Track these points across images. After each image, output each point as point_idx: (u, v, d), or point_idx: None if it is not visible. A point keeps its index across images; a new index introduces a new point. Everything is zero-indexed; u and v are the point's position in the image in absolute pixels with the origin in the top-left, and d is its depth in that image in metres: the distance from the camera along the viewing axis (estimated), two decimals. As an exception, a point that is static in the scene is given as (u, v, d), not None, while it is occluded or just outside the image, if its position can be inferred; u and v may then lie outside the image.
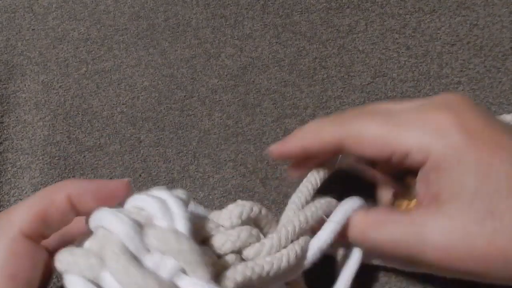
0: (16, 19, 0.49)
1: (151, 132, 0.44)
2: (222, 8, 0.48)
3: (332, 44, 0.46)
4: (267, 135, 0.43)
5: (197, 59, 0.46)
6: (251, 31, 0.47)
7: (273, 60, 0.46)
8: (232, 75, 0.46)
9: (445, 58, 0.45)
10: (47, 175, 0.42)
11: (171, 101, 0.45)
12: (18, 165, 0.43)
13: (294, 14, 0.47)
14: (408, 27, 0.46)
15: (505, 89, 0.44)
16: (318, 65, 0.45)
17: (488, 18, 0.46)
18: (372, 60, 0.45)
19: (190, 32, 0.47)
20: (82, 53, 0.47)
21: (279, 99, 0.44)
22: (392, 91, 0.44)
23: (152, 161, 0.43)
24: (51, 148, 0.43)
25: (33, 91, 0.46)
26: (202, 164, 0.42)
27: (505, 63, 0.44)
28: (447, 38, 0.46)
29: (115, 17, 0.48)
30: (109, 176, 0.42)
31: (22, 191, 0.42)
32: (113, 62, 0.47)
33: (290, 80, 0.45)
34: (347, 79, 0.45)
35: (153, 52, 0.47)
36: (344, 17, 0.47)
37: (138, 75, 0.46)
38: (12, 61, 0.47)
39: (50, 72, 0.46)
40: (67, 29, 0.48)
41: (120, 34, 0.48)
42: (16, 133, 0.44)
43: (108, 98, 0.45)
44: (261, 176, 0.42)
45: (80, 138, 0.44)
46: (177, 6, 0.48)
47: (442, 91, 0.44)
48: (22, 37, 0.48)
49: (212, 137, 0.43)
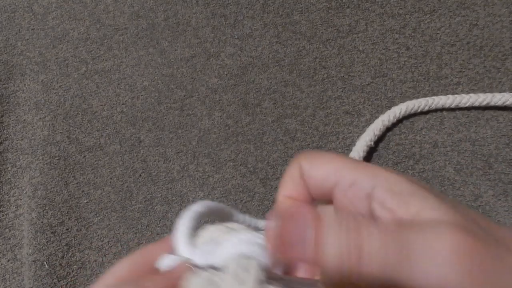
0: (16, 19, 0.49)
1: (151, 132, 0.44)
2: (222, 7, 0.48)
3: (332, 44, 0.46)
4: (267, 135, 0.43)
5: (197, 59, 0.46)
6: (251, 30, 0.47)
7: (273, 59, 0.46)
8: (232, 75, 0.46)
9: (444, 59, 0.45)
10: (47, 175, 0.42)
11: (171, 101, 0.45)
12: (18, 165, 0.43)
13: (294, 14, 0.47)
14: (408, 27, 0.46)
15: (505, 89, 0.44)
16: (318, 65, 0.45)
17: (488, 18, 0.46)
18: (372, 60, 0.45)
19: (190, 32, 0.47)
20: (81, 53, 0.47)
21: (279, 99, 0.44)
22: (392, 91, 0.44)
23: (152, 160, 0.43)
24: (51, 148, 0.43)
25: (32, 91, 0.46)
26: (202, 164, 0.42)
27: (505, 63, 0.44)
28: (447, 38, 0.46)
29: (114, 16, 0.48)
30: (109, 176, 0.42)
31: (22, 191, 0.42)
32: (113, 62, 0.47)
33: (290, 80, 0.45)
34: (347, 79, 0.45)
35: (152, 51, 0.47)
36: (344, 17, 0.47)
37: (138, 74, 0.46)
38: (11, 61, 0.47)
39: (50, 72, 0.46)
40: (66, 28, 0.48)
41: (119, 33, 0.48)
42: (16, 133, 0.44)
43: (108, 97, 0.45)
44: (261, 176, 0.42)
45: (80, 138, 0.44)
46: (177, 6, 0.48)
47: (442, 92, 0.44)
48: (21, 37, 0.48)
49: (212, 136, 0.43)
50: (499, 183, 0.41)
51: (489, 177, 0.41)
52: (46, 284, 0.38)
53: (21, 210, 0.42)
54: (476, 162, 0.42)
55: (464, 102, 0.43)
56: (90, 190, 0.42)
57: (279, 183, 0.29)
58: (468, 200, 0.41)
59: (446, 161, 0.42)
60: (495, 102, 0.42)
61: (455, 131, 0.43)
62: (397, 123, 0.44)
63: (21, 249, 0.41)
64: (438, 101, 0.43)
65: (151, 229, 0.40)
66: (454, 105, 0.43)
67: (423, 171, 0.42)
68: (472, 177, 0.41)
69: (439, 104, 0.43)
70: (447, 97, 0.43)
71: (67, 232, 0.40)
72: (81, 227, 0.41)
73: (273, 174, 0.42)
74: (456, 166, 0.42)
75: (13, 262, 0.40)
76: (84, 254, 0.40)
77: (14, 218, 0.42)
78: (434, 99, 0.43)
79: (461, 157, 0.42)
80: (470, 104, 0.43)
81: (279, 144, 0.43)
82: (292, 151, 0.43)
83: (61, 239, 0.40)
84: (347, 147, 0.43)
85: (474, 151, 0.42)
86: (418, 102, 0.43)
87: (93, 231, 0.40)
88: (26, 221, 0.41)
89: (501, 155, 0.42)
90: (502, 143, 0.42)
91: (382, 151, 0.43)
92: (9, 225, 0.42)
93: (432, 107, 0.43)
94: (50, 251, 0.40)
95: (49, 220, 0.41)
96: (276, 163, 0.42)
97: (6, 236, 0.41)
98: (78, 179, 0.42)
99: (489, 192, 0.41)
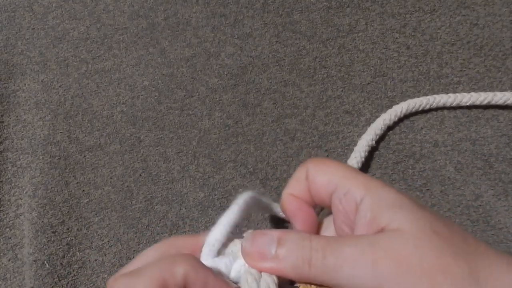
0: (16, 18, 0.49)
1: (151, 132, 0.44)
2: (222, 6, 0.48)
3: (332, 43, 0.46)
4: (267, 135, 0.43)
5: (197, 58, 0.46)
6: (251, 30, 0.47)
7: (273, 59, 0.46)
8: (232, 75, 0.46)
9: (445, 58, 0.45)
10: (47, 175, 0.42)
11: (171, 101, 0.45)
12: (18, 164, 0.43)
13: (294, 13, 0.47)
14: (408, 27, 0.46)
15: (505, 89, 0.44)
16: (318, 65, 0.45)
17: (488, 17, 0.46)
18: (372, 60, 0.45)
19: (190, 31, 0.47)
20: (82, 53, 0.47)
21: (279, 99, 0.44)
22: (392, 91, 0.44)
23: (152, 160, 0.43)
24: (51, 147, 0.44)
25: (33, 90, 0.46)
26: (202, 164, 0.43)
27: (505, 63, 0.44)
28: (447, 38, 0.46)
29: (114, 16, 0.48)
30: (109, 176, 0.42)
31: (23, 191, 0.42)
32: (113, 62, 0.47)
33: (290, 80, 0.45)
34: (347, 79, 0.45)
35: (153, 51, 0.47)
36: (344, 16, 0.47)
37: (138, 74, 0.46)
38: (12, 61, 0.47)
39: (50, 72, 0.46)
40: (67, 28, 0.48)
41: (120, 33, 0.48)
42: (16, 133, 0.44)
43: (108, 97, 0.45)
44: (261, 177, 0.42)
45: (80, 138, 0.44)
46: (177, 5, 0.48)
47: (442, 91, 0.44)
48: (22, 36, 0.48)
49: (212, 137, 0.43)
50: (499, 182, 0.41)
51: (490, 177, 0.41)
52: (47, 284, 0.38)
53: (21, 209, 0.42)
54: (477, 161, 0.42)
55: (465, 101, 0.43)
56: (90, 190, 0.42)
57: (288, 182, 0.30)
58: (469, 200, 0.41)
59: (446, 160, 0.42)
60: (496, 101, 0.42)
61: (455, 130, 0.43)
62: (398, 122, 0.44)
63: (22, 249, 0.41)
64: (439, 99, 0.43)
65: (151, 229, 0.40)
66: (455, 104, 0.43)
67: (423, 171, 0.42)
68: (473, 176, 0.41)
69: (440, 102, 0.43)
70: (448, 95, 0.43)
71: (68, 231, 0.40)
72: (82, 226, 0.41)
73: (273, 174, 0.42)
74: (457, 166, 0.42)
75: (14, 261, 0.41)
76: (84, 254, 0.40)
77: (15, 217, 0.42)
78: (435, 98, 0.43)
79: (462, 157, 0.42)
80: (471, 103, 0.43)
81: (279, 144, 0.43)
82: (291, 151, 0.43)
83: (61, 238, 0.40)
84: (347, 147, 0.43)
85: (474, 150, 0.42)
86: (419, 101, 0.43)
87: (94, 231, 0.40)
88: (26, 220, 0.41)
89: (501, 154, 0.42)
90: (502, 143, 0.42)
91: (382, 151, 0.43)
92: (9, 224, 0.42)
93: (433, 105, 0.43)
94: (50, 251, 0.40)
95: (50, 219, 0.41)
96: (276, 164, 0.42)
97: (6, 236, 0.41)
98: (79, 178, 0.43)
99: (490, 191, 0.41)
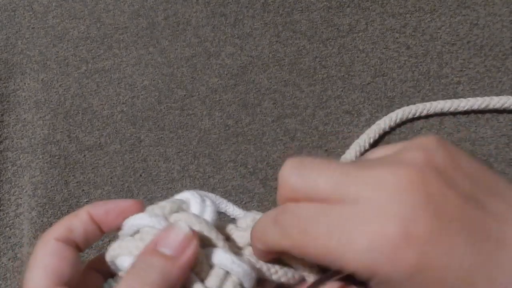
0: (16, 18, 0.49)
1: (151, 132, 0.44)
2: (222, 6, 0.48)
3: (332, 43, 0.46)
4: (267, 135, 0.43)
5: (197, 58, 0.46)
6: (251, 29, 0.47)
7: (273, 59, 0.46)
8: (232, 74, 0.46)
9: (445, 58, 0.45)
10: (47, 174, 0.42)
11: (171, 101, 0.45)
12: (18, 164, 0.43)
13: (294, 13, 0.47)
14: (408, 27, 0.46)
15: (505, 89, 0.44)
16: (318, 65, 0.45)
17: (488, 17, 0.46)
18: (372, 60, 0.45)
19: (190, 31, 0.47)
20: (82, 52, 0.47)
21: (279, 99, 0.44)
22: (392, 91, 0.44)
23: (152, 160, 0.43)
24: (51, 147, 0.44)
25: (33, 89, 0.46)
26: (202, 164, 0.43)
27: (505, 63, 0.44)
28: (447, 38, 0.46)
29: (114, 15, 0.48)
30: (109, 175, 0.42)
31: (22, 190, 0.42)
32: (113, 61, 0.47)
33: (290, 80, 0.45)
34: (347, 79, 0.45)
35: (153, 51, 0.47)
36: (345, 16, 0.47)
37: (138, 74, 0.46)
38: (12, 60, 0.47)
39: (50, 71, 0.46)
40: (67, 27, 0.48)
41: (120, 32, 0.48)
42: (16, 132, 0.44)
43: (108, 97, 0.45)
44: (260, 177, 0.42)
45: (80, 137, 0.44)
46: (177, 5, 0.48)
47: (442, 91, 0.44)
48: (22, 36, 0.48)
49: (212, 137, 0.44)
50: (498, 183, 0.41)
51: (489, 177, 0.41)
52: (46, 283, 0.38)
53: (21, 209, 0.42)
54: (476, 162, 0.42)
55: (462, 105, 0.43)
56: (90, 190, 0.42)
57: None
58: (468, 200, 0.41)
59: (446, 160, 0.42)
60: (494, 104, 0.42)
61: (455, 131, 0.43)
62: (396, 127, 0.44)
63: (22, 248, 0.41)
64: (437, 105, 0.43)
65: (151, 229, 0.40)
66: (453, 109, 0.43)
67: (423, 171, 0.42)
68: (472, 176, 0.41)
69: (438, 108, 0.43)
70: (445, 101, 0.43)
71: (68, 231, 0.41)
72: (82, 226, 0.41)
73: (273, 174, 0.42)
74: (456, 166, 0.42)
75: (14, 261, 0.41)
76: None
77: (15, 217, 0.42)
78: (432, 104, 0.43)
79: (461, 157, 0.42)
80: (469, 108, 0.43)
81: (279, 144, 0.43)
82: (291, 151, 0.43)
83: (61, 238, 0.40)
84: (346, 147, 0.43)
85: (474, 151, 0.42)
86: (415, 107, 0.43)
87: (94, 231, 0.40)
88: (26, 220, 0.41)
89: (501, 155, 0.42)
90: (502, 143, 0.42)
91: (382, 151, 0.43)
92: (9, 223, 0.42)
93: (430, 111, 0.43)
94: (50, 250, 0.40)
95: (49, 219, 0.41)
96: (276, 164, 0.42)
97: (6, 235, 0.41)
98: (78, 178, 0.43)
99: (489, 192, 0.41)
